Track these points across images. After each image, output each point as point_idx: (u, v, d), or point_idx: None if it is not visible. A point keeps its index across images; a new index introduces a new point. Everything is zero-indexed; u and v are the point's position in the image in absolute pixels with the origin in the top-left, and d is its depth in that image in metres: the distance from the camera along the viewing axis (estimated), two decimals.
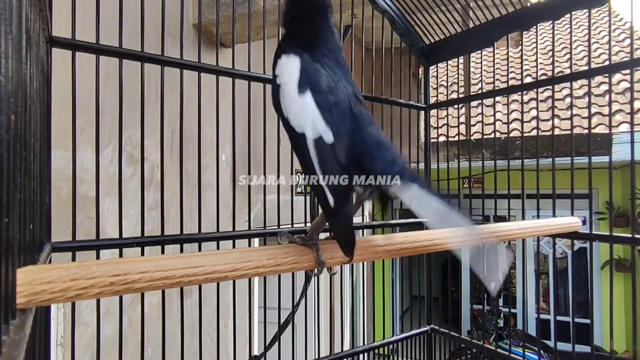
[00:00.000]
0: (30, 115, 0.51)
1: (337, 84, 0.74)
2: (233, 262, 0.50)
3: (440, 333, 1.84)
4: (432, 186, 1.08)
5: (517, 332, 5.01)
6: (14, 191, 0.39)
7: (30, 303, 0.41)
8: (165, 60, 1.16)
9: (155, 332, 1.29)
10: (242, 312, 1.89)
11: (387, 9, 1.72)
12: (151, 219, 1.80)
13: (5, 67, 0.36)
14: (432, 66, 1.91)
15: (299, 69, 0.70)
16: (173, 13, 1.29)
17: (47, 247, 0.83)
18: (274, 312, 1.52)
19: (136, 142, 1.73)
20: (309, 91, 0.67)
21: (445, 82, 1.90)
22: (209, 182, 2.09)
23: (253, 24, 1.92)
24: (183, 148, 1.23)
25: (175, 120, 1.22)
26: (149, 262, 0.47)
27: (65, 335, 1.43)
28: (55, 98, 0.98)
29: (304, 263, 0.58)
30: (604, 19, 7.42)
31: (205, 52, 1.99)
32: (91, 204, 1.53)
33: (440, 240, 0.76)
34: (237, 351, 1.38)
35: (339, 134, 0.67)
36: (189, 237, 1.18)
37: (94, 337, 1.17)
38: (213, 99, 1.27)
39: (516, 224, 1.01)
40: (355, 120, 0.71)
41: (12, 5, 0.39)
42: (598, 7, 1.26)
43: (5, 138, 0.36)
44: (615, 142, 4.03)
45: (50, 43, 0.94)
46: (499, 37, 1.55)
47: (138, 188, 1.68)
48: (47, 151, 0.91)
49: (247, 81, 1.34)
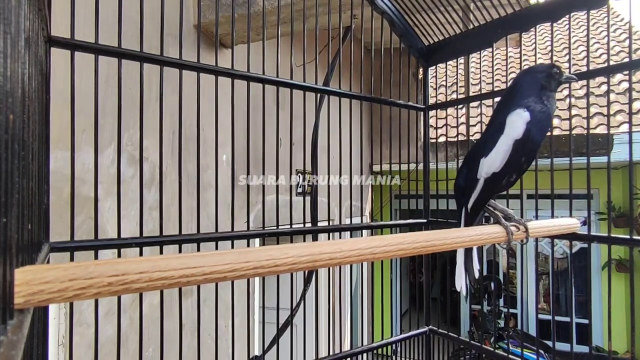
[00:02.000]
0: (28, 115, 0.51)
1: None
2: (232, 262, 0.50)
3: (439, 334, 1.84)
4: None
5: (517, 332, 5.01)
6: (12, 191, 0.39)
7: (28, 303, 0.40)
8: (163, 60, 1.16)
9: (156, 332, 1.29)
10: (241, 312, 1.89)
11: (386, 10, 1.72)
12: (152, 219, 1.80)
13: (4, 67, 0.36)
14: (431, 67, 1.91)
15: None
16: (173, 14, 1.29)
17: (46, 247, 0.83)
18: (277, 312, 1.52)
19: (137, 143, 1.74)
20: None
21: (444, 83, 1.90)
22: (209, 182, 2.09)
23: (253, 25, 1.92)
24: (183, 148, 1.23)
25: (175, 121, 1.22)
26: (147, 262, 0.47)
27: (67, 335, 1.43)
28: (57, 99, 0.98)
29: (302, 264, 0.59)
30: (605, 19, 7.41)
31: (206, 53, 2.00)
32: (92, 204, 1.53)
33: (439, 241, 0.76)
34: (236, 351, 1.38)
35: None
36: (188, 237, 1.18)
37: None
38: (213, 100, 1.28)
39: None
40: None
41: (11, 4, 0.39)
42: (596, 9, 1.26)
43: (3, 138, 0.36)
44: (616, 142, 4.02)
45: (49, 43, 0.94)
46: (498, 38, 1.55)
47: (138, 188, 1.69)
48: (45, 151, 0.91)
49: (246, 81, 1.35)
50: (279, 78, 1.42)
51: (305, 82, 1.49)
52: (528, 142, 1.01)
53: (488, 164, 1.04)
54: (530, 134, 1.00)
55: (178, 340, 1.21)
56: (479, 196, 1.08)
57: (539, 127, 1.01)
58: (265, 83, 1.39)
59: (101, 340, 1.42)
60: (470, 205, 1.11)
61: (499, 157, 1.02)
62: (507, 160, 1.02)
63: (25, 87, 0.49)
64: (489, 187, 1.06)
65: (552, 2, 1.37)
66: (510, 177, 1.06)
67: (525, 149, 1.01)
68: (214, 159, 1.30)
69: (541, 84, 1.03)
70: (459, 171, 1.16)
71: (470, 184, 1.09)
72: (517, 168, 1.05)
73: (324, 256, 0.56)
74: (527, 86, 1.04)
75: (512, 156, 1.02)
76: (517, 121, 1.01)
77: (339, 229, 1.58)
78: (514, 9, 1.48)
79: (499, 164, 1.03)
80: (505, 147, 1.01)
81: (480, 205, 1.10)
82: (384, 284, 1.87)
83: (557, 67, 1.05)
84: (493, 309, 4.89)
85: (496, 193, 1.12)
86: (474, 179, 1.07)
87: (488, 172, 1.04)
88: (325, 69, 2.60)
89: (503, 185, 1.09)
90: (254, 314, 2.50)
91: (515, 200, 1.44)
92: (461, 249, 1.16)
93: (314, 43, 1.56)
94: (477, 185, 1.07)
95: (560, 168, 1.34)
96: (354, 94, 1.63)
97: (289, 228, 1.44)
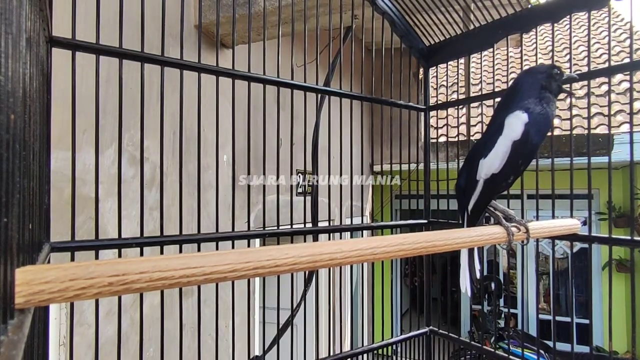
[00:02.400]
0: (29, 115, 0.51)
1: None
2: (232, 262, 0.50)
3: (439, 334, 1.84)
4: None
5: (517, 333, 5.01)
6: (13, 191, 0.39)
7: (28, 303, 0.41)
8: (164, 60, 1.16)
9: (156, 332, 1.29)
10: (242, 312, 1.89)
11: (387, 10, 1.72)
12: (153, 219, 1.80)
13: (5, 67, 0.36)
14: (432, 67, 1.91)
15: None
16: (174, 14, 1.29)
17: (46, 247, 0.83)
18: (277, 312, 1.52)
19: (138, 143, 1.74)
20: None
21: (445, 83, 1.90)
22: (210, 182, 2.09)
23: (253, 25, 1.92)
24: (183, 149, 1.23)
25: (176, 121, 1.22)
26: (147, 262, 0.47)
27: (68, 335, 1.43)
28: (58, 99, 0.98)
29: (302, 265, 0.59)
30: (606, 19, 7.41)
31: (206, 53, 2.00)
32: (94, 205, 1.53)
33: (440, 241, 0.76)
34: (236, 351, 1.37)
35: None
36: (188, 237, 1.18)
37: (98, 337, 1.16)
38: (213, 100, 1.28)
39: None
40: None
41: (12, 5, 0.39)
42: (597, 10, 1.26)
43: (4, 137, 0.36)
44: (617, 142, 4.02)
45: (50, 43, 0.94)
46: (499, 39, 1.55)
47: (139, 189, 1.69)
48: (46, 151, 0.91)
49: (247, 82, 1.35)
50: (280, 78, 1.42)
51: (306, 83, 1.48)
52: (526, 144, 1.01)
53: (487, 165, 1.05)
54: (529, 136, 1.01)
55: (178, 340, 1.21)
56: (479, 198, 1.09)
57: (537, 129, 1.01)
58: (266, 83, 1.39)
59: (101, 340, 1.42)
60: (470, 207, 1.11)
61: (497, 158, 1.03)
62: (506, 162, 1.03)
63: (27, 87, 0.49)
64: (489, 189, 1.07)
65: (552, 3, 1.37)
66: (508, 179, 1.07)
67: (523, 150, 1.02)
68: (214, 159, 1.30)
69: (541, 85, 1.04)
70: (460, 172, 1.17)
71: (471, 185, 1.10)
72: (516, 170, 1.05)
73: (325, 256, 0.56)
74: (527, 87, 1.05)
75: (511, 157, 1.02)
76: (516, 123, 1.01)
77: (339, 230, 1.58)
78: (514, 9, 1.48)
79: (498, 165, 1.03)
80: (504, 149, 1.02)
81: (481, 207, 1.11)
82: (384, 284, 1.87)
83: (557, 68, 1.05)
84: (493, 309, 4.88)
85: (496, 194, 1.12)
86: (474, 180, 1.08)
87: (487, 174, 1.05)
88: (325, 69, 2.60)
89: (502, 187, 1.09)
90: (255, 314, 2.50)
91: (516, 201, 1.44)
92: (465, 250, 1.16)
93: (315, 43, 1.56)
94: (477, 186, 1.08)
95: (561, 168, 1.34)
96: (354, 94, 1.63)
97: (290, 228, 1.44)
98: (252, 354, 2.46)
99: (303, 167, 1.67)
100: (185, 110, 1.22)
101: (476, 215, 1.12)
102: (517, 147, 1.01)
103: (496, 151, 1.03)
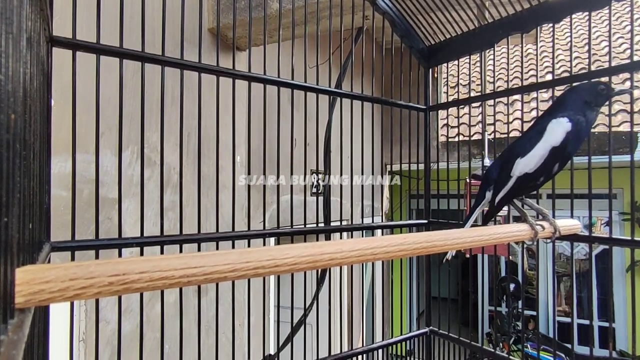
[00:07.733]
0: (30, 114, 0.52)
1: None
2: (232, 262, 0.49)
3: (440, 335, 1.81)
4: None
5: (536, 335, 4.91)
6: (13, 190, 0.39)
7: (28, 303, 0.41)
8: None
9: (172, 330, 1.30)
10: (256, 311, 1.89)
11: (387, 11, 1.71)
12: (168, 219, 1.83)
13: (6, 67, 0.36)
14: (432, 67, 1.89)
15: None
16: (189, 18, 1.30)
17: (46, 247, 0.84)
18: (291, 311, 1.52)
19: (153, 145, 1.76)
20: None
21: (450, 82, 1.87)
22: (224, 183, 2.10)
23: (268, 27, 1.93)
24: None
25: (190, 123, 1.22)
26: (148, 262, 0.46)
27: (88, 331, 1.46)
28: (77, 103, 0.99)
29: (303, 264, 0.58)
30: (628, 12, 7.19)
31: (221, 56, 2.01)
32: (110, 205, 1.56)
33: (440, 241, 0.74)
34: (252, 350, 1.38)
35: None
36: (187, 237, 1.18)
37: (114, 334, 1.17)
38: (227, 102, 1.28)
39: (510, 226, 1.02)
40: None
41: (12, 4, 0.39)
42: (598, 10, 1.26)
43: (5, 137, 0.36)
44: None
45: (51, 43, 0.94)
46: (500, 39, 1.54)
47: (154, 190, 1.71)
48: (46, 151, 0.91)
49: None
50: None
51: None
52: (565, 151, 1.06)
53: (523, 164, 1.10)
54: (568, 143, 1.05)
55: (196, 338, 1.23)
56: (508, 192, 1.14)
57: (577, 138, 1.05)
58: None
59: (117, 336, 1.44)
60: (498, 199, 1.17)
61: (534, 160, 1.08)
62: (542, 164, 1.07)
63: (27, 87, 0.49)
64: (519, 186, 1.12)
65: (553, 3, 1.34)
66: (539, 179, 1.12)
67: (560, 156, 1.07)
68: (228, 161, 1.31)
69: (585, 100, 1.07)
70: (493, 163, 1.23)
71: (503, 180, 1.15)
72: (548, 172, 1.10)
73: (325, 256, 0.55)
74: (572, 100, 1.09)
75: (547, 161, 1.07)
76: (558, 129, 1.06)
77: (347, 229, 1.60)
78: (515, 9, 1.45)
79: (533, 166, 1.09)
80: (542, 152, 1.07)
81: (507, 200, 1.17)
82: (395, 284, 1.85)
83: (603, 84, 1.09)
84: (511, 311, 4.79)
85: (525, 192, 1.17)
86: (507, 176, 1.13)
87: (521, 172, 1.10)
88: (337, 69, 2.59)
89: (532, 186, 1.15)
90: (269, 312, 2.50)
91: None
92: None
93: (327, 45, 1.55)
94: (509, 182, 1.13)
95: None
96: (358, 95, 1.63)
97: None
98: (266, 352, 2.46)
99: (316, 167, 1.67)
100: (198, 112, 1.23)
101: (500, 207, 1.18)
102: (555, 153, 1.06)
103: (534, 153, 1.08)
